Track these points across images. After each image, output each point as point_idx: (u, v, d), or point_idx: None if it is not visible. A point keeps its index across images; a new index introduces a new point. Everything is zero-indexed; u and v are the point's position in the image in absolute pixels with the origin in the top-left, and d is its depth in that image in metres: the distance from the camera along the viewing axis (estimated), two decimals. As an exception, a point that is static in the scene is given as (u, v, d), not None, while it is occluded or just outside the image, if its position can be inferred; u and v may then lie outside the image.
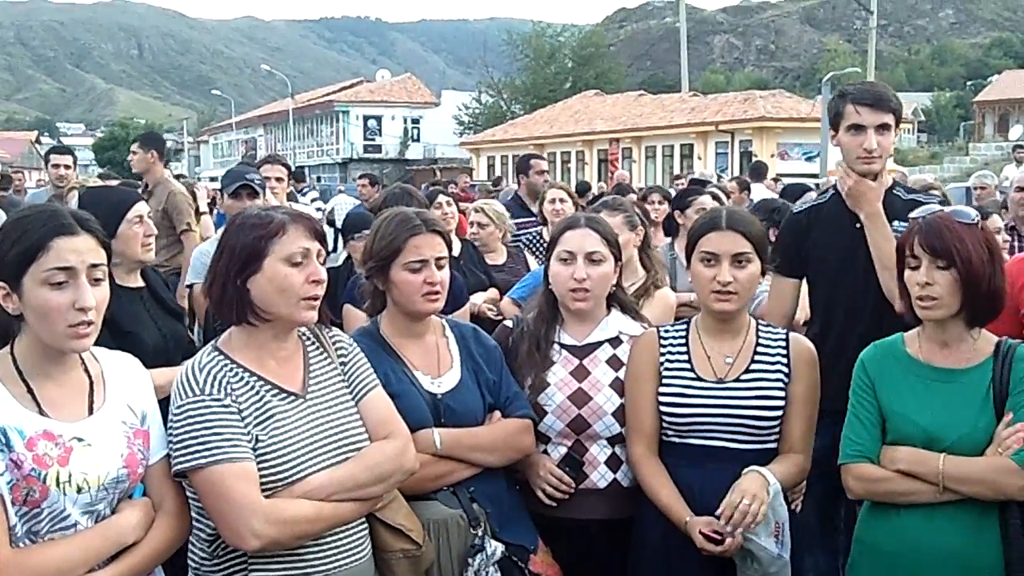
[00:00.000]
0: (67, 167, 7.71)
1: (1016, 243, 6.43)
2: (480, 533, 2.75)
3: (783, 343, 3.00)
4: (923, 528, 2.65)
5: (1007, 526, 2.60)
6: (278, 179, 6.27)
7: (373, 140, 59.88)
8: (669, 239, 5.98)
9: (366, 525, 2.54)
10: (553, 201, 6.51)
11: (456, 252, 5.41)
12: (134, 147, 7.40)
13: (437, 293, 2.89)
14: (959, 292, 2.62)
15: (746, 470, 2.80)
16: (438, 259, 2.90)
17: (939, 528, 2.63)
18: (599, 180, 33.18)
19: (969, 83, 72.04)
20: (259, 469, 2.32)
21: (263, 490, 2.31)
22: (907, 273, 2.71)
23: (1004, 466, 2.55)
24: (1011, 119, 48.34)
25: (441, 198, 5.65)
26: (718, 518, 2.74)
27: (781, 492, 2.79)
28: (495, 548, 2.75)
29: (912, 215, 2.80)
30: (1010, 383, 2.63)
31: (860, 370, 2.81)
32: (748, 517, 2.68)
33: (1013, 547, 2.58)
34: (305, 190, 13.65)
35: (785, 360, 2.96)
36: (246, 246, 2.42)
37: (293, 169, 10.32)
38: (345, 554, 2.46)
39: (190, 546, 2.46)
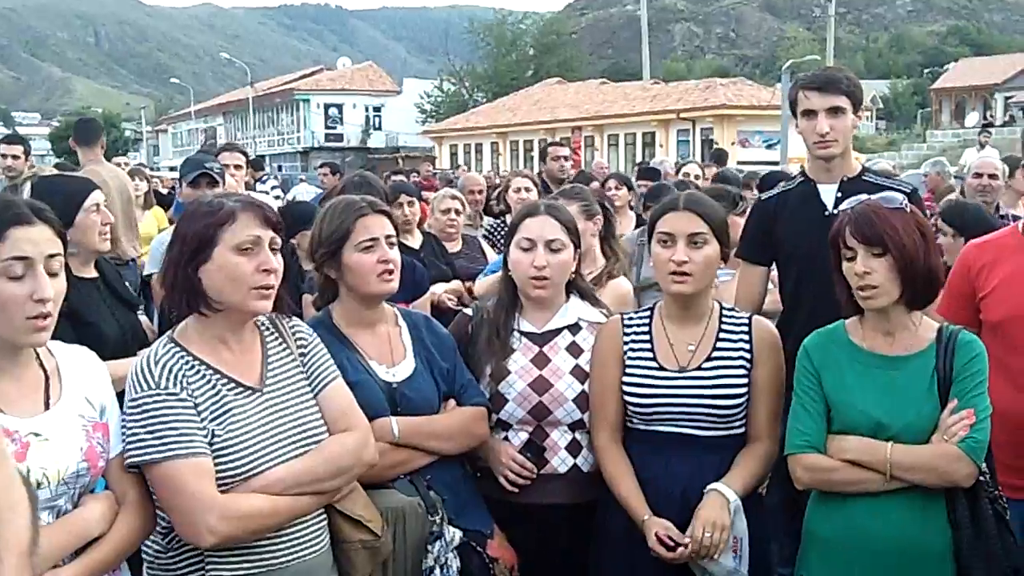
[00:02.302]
0: (16, 157, 7.52)
1: None
2: (438, 520, 2.74)
3: (746, 328, 2.99)
4: (871, 517, 2.64)
5: (955, 513, 2.59)
6: (237, 167, 6.23)
7: (334, 129, 59.35)
8: (641, 228, 5.97)
9: (324, 516, 2.52)
10: (518, 190, 6.52)
11: (417, 244, 5.41)
12: None
13: (391, 272, 2.87)
14: (897, 278, 2.61)
15: (707, 489, 2.80)
16: (388, 237, 2.89)
17: (887, 516, 2.62)
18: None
19: (926, 71, 72.73)
20: (215, 464, 2.29)
21: (220, 485, 2.28)
22: (844, 265, 2.69)
23: (950, 453, 2.55)
24: (967, 106, 49.01)
25: (403, 198, 5.58)
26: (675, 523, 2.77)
27: (742, 508, 2.79)
28: (453, 534, 2.76)
29: (841, 207, 2.80)
30: (954, 369, 2.62)
31: (804, 358, 2.78)
32: (712, 551, 2.72)
33: (962, 533, 2.57)
34: (264, 178, 13.39)
35: (748, 346, 2.95)
36: (196, 234, 2.38)
37: (251, 157, 10.21)
38: (303, 546, 2.44)
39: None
